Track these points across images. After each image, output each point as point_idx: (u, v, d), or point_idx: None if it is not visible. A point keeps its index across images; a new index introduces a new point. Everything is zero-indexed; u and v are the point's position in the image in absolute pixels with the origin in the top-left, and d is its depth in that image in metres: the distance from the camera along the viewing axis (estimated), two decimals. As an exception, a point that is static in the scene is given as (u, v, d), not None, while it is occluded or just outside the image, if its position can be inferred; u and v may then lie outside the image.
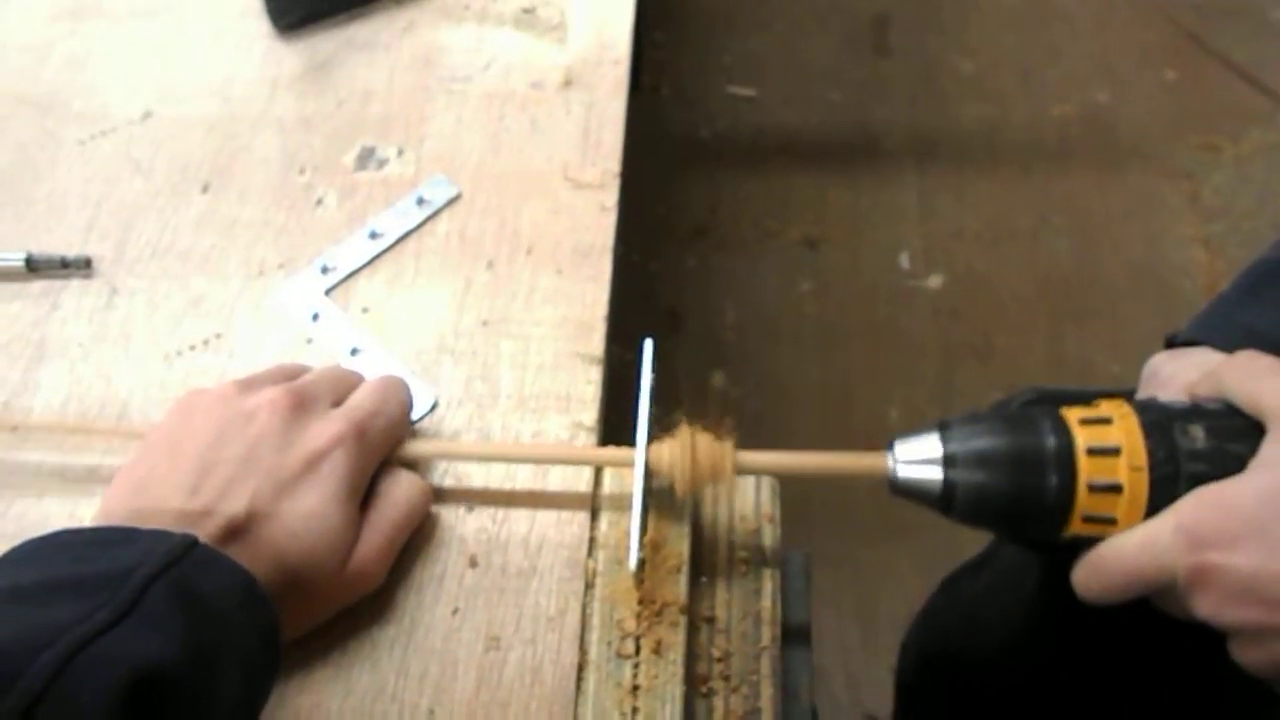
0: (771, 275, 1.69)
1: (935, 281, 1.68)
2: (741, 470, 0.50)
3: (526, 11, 0.76)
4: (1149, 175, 1.80)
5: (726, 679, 0.51)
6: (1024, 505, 0.46)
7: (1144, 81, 1.91)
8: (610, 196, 0.66)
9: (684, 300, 1.66)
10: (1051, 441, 0.46)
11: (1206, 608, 0.44)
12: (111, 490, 0.49)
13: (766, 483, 0.57)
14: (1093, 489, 0.45)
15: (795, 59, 1.96)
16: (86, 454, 0.57)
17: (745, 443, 0.51)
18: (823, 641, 1.34)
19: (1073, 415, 0.47)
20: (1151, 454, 0.45)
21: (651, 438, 0.51)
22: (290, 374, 0.54)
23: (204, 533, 0.45)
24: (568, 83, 0.72)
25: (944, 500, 0.47)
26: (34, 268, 0.63)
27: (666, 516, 0.54)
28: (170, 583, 0.40)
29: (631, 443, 0.51)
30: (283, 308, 0.62)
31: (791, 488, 0.57)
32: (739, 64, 1.95)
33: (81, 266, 0.63)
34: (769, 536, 0.55)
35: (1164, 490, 0.45)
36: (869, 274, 1.69)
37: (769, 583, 0.54)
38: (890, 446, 0.49)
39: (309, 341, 0.61)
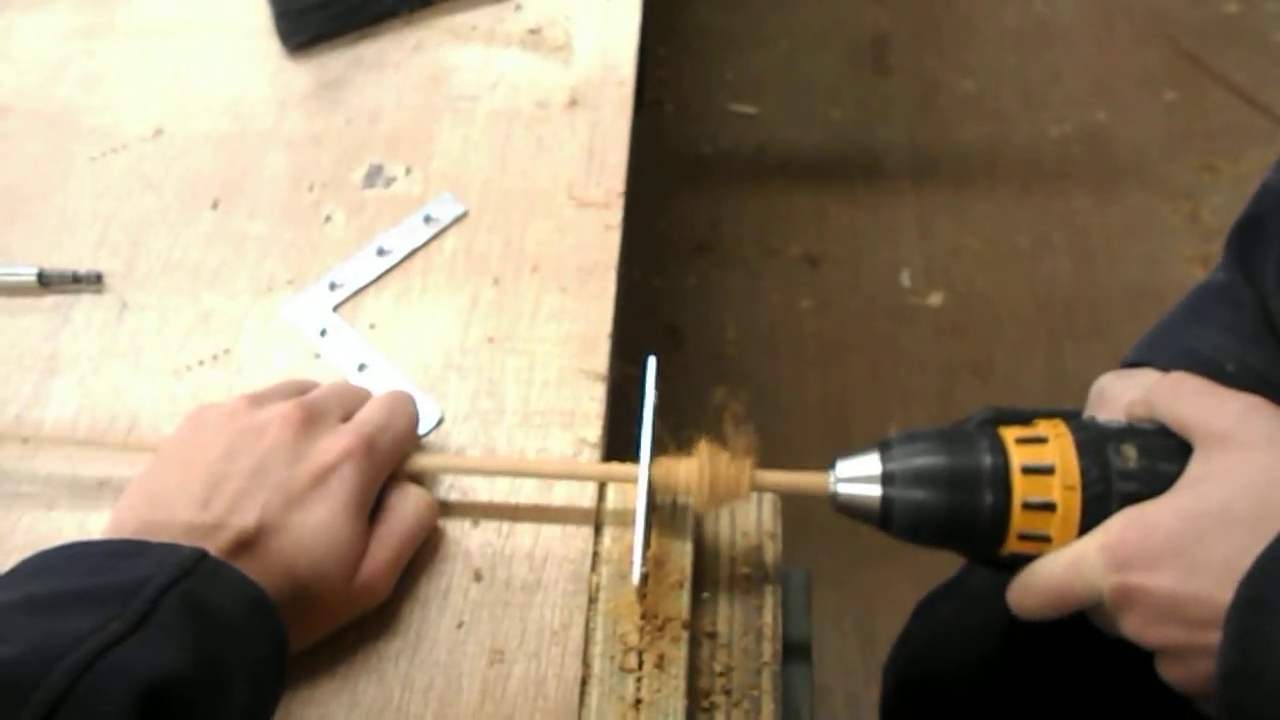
0: (772, 292, 1.70)
1: (935, 299, 1.69)
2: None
3: (533, 32, 0.77)
4: (1148, 195, 1.81)
5: (728, 694, 0.51)
6: (961, 523, 0.47)
7: (1143, 102, 1.92)
8: (614, 215, 0.67)
9: (685, 316, 1.66)
10: (988, 460, 0.47)
11: (1131, 627, 0.45)
12: (123, 502, 0.49)
13: (768, 500, 0.57)
14: (1027, 507, 0.46)
15: (796, 77, 1.97)
16: (96, 467, 0.57)
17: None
18: (823, 659, 1.35)
19: (1010, 434, 0.48)
20: (1084, 473, 0.46)
21: (655, 454, 0.52)
22: (299, 389, 0.55)
23: (214, 545, 0.45)
24: (573, 102, 0.73)
25: (883, 518, 0.48)
26: (46, 283, 0.64)
27: (669, 532, 0.54)
28: (181, 595, 0.41)
29: (634, 458, 0.52)
30: (291, 323, 0.63)
31: (793, 506, 0.58)
32: (741, 81, 1.96)
33: (93, 281, 0.64)
34: (770, 553, 0.56)
35: (1096, 509, 0.46)
36: (869, 291, 1.70)
37: (770, 599, 0.54)
38: (832, 465, 0.50)
39: (317, 357, 0.62)
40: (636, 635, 0.51)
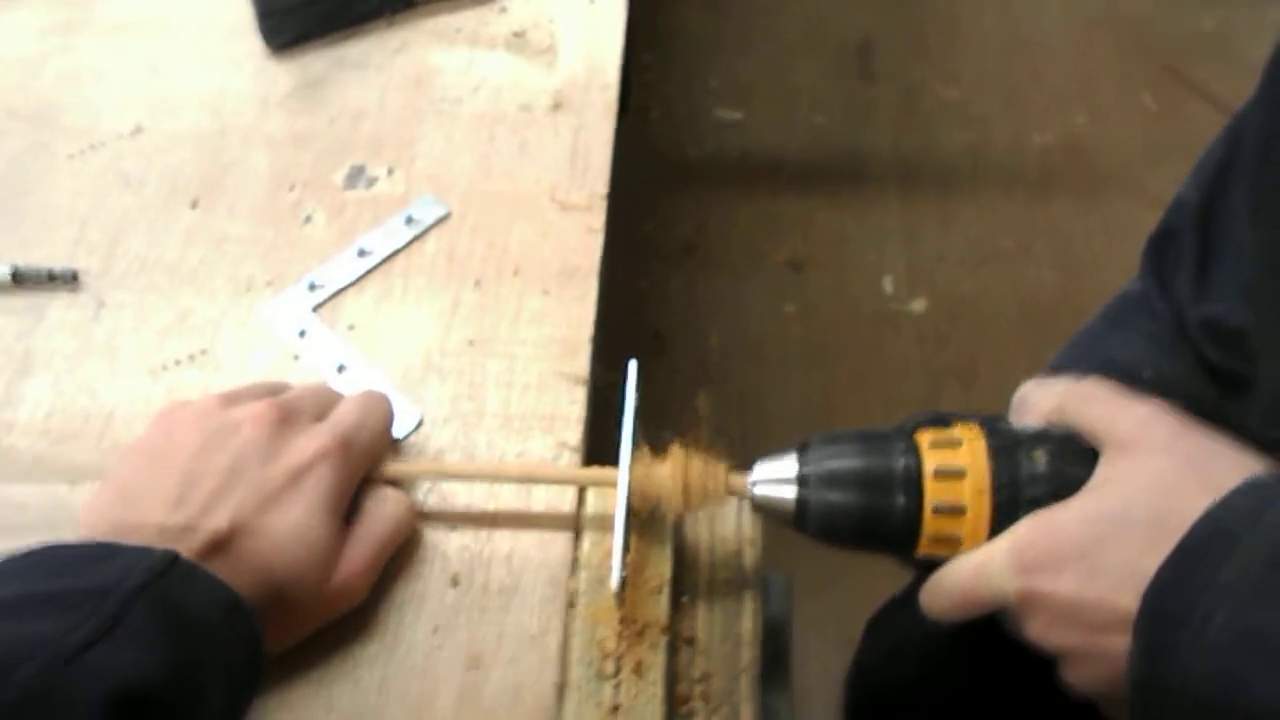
0: (757, 297, 1.70)
1: (919, 305, 1.69)
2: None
3: (517, 35, 0.77)
4: (1130, 202, 1.82)
5: (706, 700, 0.51)
6: (873, 525, 0.47)
7: (1124, 109, 1.93)
8: (598, 219, 0.67)
9: (669, 320, 1.66)
10: (901, 463, 0.47)
11: (1035, 630, 0.45)
12: (93, 502, 0.49)
13: (748, 505, 0.57)
14: (938, 511, 0.46)
15: (781, 83, 1.98)
16: (69, 468, 0.57)
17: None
18: (805, 665, 1.35)
19: (925, 438, 0.48)
20: (995, 477, 0.46)
21: (636, 459, 0.51)
22: (272, 389, 0.55)
23: (187, 547, 0.45)
24: (557, 106, 0.72)
25: (798, 519, 0.48)
26: (20, 280, 0.63)
27: (648, 537, 0.54)
28: (153, 599, 0.40)
29: (615, 463, 0.52)
30: (270, 324, 0.62)
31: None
32: (726, 87, 1.96)
33: (68, 280, 0.64)
34: (750, 558, 0.56)
35: (1006, 513, 0.46)
36: (853, 297, 1.70)
37: (750, 604, 0.54)
38: (751, 466, 0.50)
39: (295, 358, 0.61)
40: (615, 641, 0.51)
